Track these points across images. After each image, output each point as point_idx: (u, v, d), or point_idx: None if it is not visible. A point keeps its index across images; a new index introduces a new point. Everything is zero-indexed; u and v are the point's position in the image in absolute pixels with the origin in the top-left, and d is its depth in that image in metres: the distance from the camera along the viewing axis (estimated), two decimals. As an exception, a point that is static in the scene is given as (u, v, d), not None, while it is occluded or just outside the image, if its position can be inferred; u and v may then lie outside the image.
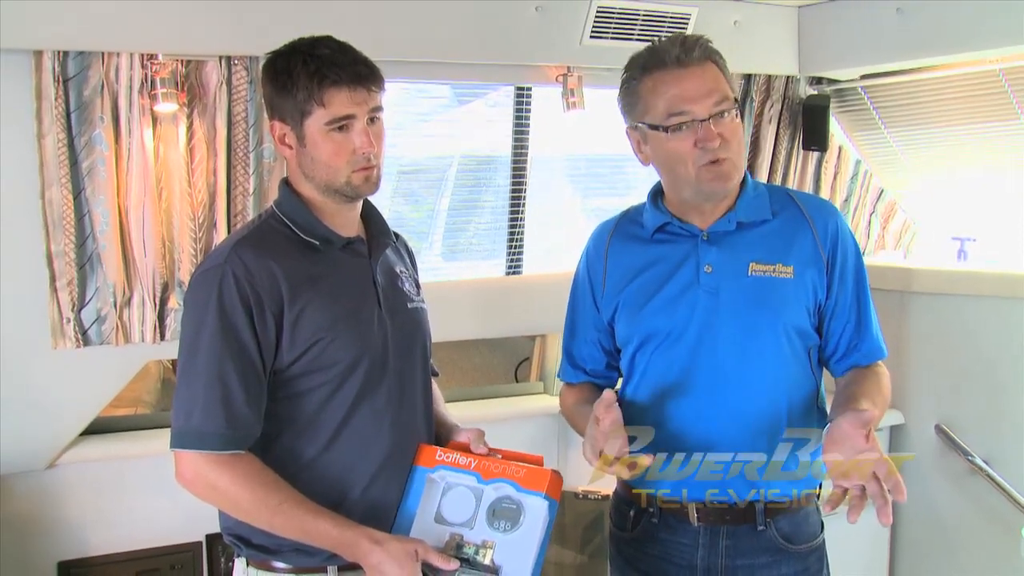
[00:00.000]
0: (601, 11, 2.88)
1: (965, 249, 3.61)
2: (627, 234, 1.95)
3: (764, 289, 1.81)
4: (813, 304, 1.83)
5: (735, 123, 1.78)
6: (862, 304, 1.87)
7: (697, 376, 1.82)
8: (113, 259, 2.47)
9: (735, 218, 1.84)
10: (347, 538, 1.63)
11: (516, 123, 3.24)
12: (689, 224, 1.86)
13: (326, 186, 1.72)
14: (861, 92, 3.47)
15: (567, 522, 3.40)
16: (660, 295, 1.85)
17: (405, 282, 1.87)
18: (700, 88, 1.75)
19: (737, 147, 1.79)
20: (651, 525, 1.90)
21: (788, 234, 1.84)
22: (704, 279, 1.82)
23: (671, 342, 1.84)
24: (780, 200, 1.89)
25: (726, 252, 1.83)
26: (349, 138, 1.68)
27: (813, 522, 1.91)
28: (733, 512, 1.84)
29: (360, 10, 2.55)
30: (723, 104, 1.76)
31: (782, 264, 1.82)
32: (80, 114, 2.37)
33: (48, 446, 2.64)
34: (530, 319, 3.38)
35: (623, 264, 1.92)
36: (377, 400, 1.74)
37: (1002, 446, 3.20)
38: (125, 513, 2.77)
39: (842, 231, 1.86)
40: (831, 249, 1.84)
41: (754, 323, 1.80)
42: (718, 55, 1.80)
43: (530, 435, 3.42)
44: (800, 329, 1.83)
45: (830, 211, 1.91)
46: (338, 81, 1.66)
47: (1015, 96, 3.07)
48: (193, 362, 1.64)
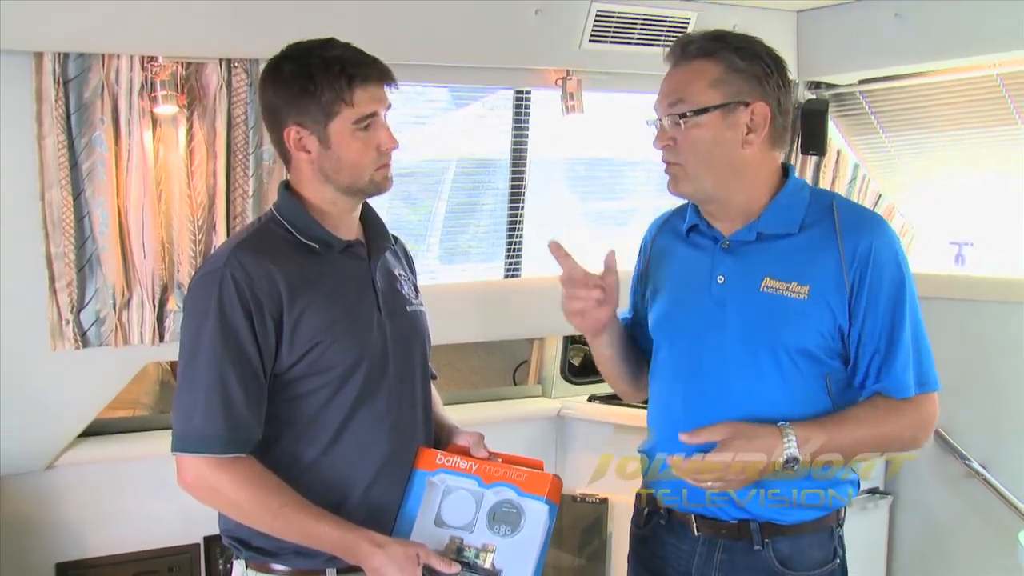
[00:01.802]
0: (601, 15, 2.88)
1: (963, 253, 3.62)
2: (672, 229, 1.91)
3: (772, 307, 1.71)
4: (830, 329, 1.70)
5: (694, 131, 1.69)
6: (895, 334, 1.70)
7: (699, 387, 1.76)
8: (112, 261, 2.47)
9: (756, 228, 1.75)
10: (348, 541, 1.63)
11: (515, 126, 3.24)
12: (714, 229, 1.80)
13: (348, 186, 1.73)
14: (859, 97, 3.48)
15: (565, 525, 3.41)
16: (675, 299, 1.83)
17: (404, 285, 1.87)
18: (667, 87, 1.73)
19: (691, 154, 1.70)
20: (659, 526, 1.88)
21: (811, 251, 1.72)
22: (715, 289, 1.76)
23: (680, 349, 1.81)
24: (818, 211, 1.75)
25: (741, 264, 1.75)
26: (373, 136, 1.71)
27: (822, 548, 1.80)
28: (728, 527, 1.78)
29: (359, 13, 2.55)
30: (678, 107, 1.69)
31: (797, 283, 1.70)
32: (80, 116, 2.37)
33: (47, 447, 2.64)
34: (528, 322, 3.39)
35: (661, 259, 1.90)
36: (377, 403, 1.74)
37: (999, 451, 3.21)
38: (123, 515, 2.77)
39: (877, 253, 1.69)
40: (858, 272, 1.69)
41: (755, 341, 1.72)
42: (721, 54, 1.69)
43: (528, 438, 3.43)
44: (808, 353, 1.71)
45: (869, 230, 1.72)
46: (366, 80, 1.68)
47: (1013, 101, 3.08)
48: (193, 366, 1.64)
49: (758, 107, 1.70)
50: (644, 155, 3.45)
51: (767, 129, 1.71)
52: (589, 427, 3.50)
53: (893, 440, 1.77)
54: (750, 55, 1.71)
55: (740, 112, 1.69)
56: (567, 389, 3.68)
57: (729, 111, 1.69)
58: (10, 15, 2.18)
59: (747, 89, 1.69)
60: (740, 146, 1.71)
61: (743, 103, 1.69)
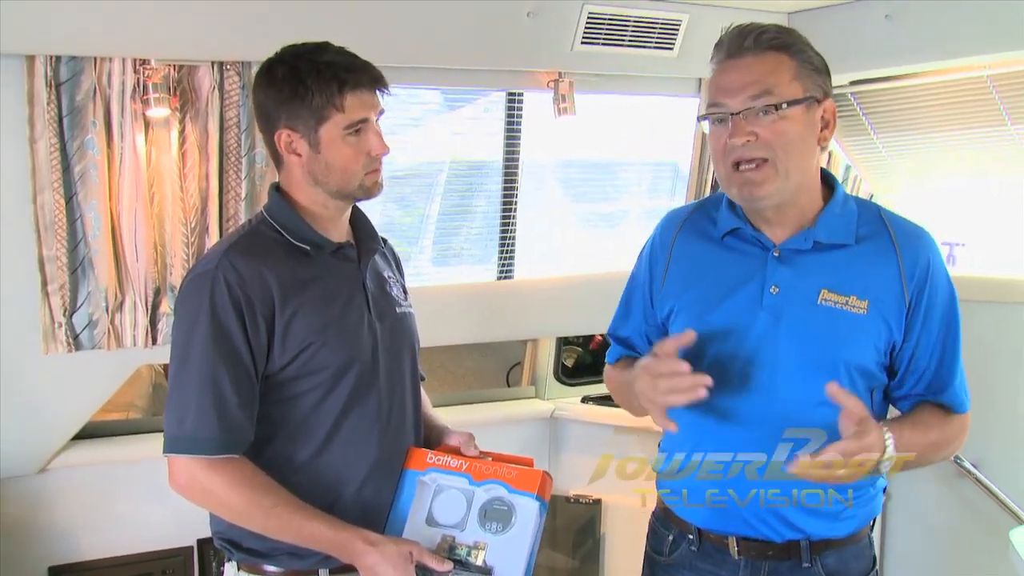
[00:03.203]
0: (592, 17, 2.89)
1: (954, 254, 3.63)
2: (697, 229, 1.78)
3: (831, 322, 1.63)
4: (885, 344, 1.65)
5: (782, 123, 1.57)
6: (948, 352, 1.67)
7: (746, 404, 1.67)
8: (105, 263, 2.47)
9: (812, 236, 1.65)
10: (342, 539, 1.63)
11: (507, 128, 3.25)
12: (762, 234, 1.68)
13: (338, 191, 1.73)
14: (851, 98, 3.49)
15: (559, 526, 3.41)
16: (719, 310, 1.70)
17: (393, 287, 1.88)
18: (741, 79, 1.59)
19: (782, 150, 1.58)
20: (689, 553, 1.78)
21: (870, 264, 1.65)
22: (768, 301, 1.66)
23: (723, 364, 1.67)
24: (870, 222, 1.68)
25: (797, 274, 1.66)
26: (363, 141, 1.71)
27: (864, 557, 1.77)
28: (775, 548, 1.71)
29: (352, 15, 2.56)
30: (763, 98, 1.56)
31: (857, 297, 1.63)
32: (72, 119, 2.38)
33: (39, 451, 2.64)
34: (521, 324, 3.39)
35: (687, 264, 1.77)
36: (367, 404, 1.75)
37: (991, 450, 3.22)
38: (116, 518, 2.77)
39: (934, 268, 1.66)
40: (918, 287, 1.64)
41: (814, 357, 1.64)
42: (795, 47, 1.60)
43: (522, 439, 3.43)
44: (864, 369, 1.66)
45: (925, 243, 1.68)
46: (357, 85, 1.68)
47: (1002, 102, 3.10)
48: (185, 367, 1.64)
49: (829, 104, 1.63)
50: (636, 156, 3.48)
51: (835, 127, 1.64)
52: (582, 428, 3.51)
53: (948, 449, 1.75)
54: (814, 50, 1.63)
55: (816, 108, 1.61)
56: (560, 390, 3.69)
57: (810, 107, 1.60)
58: (2, 18, 2.18)
59: (820, 84, 1.62)
60: (817, 144, 1.63)
61: (818, 99, 1.61)
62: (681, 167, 3.53)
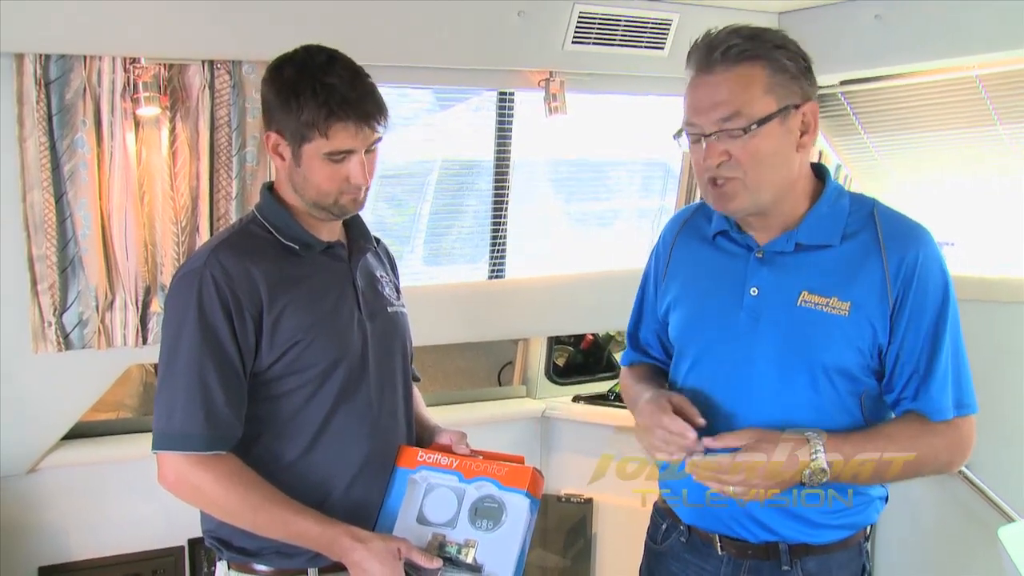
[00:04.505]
0: (583, 16, 2.89)
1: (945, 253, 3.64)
2: (695, 230, 1.80)
3: (809, 324, 1.62)
4: (869, 346, 1.63)
5: (754, 142, 1.55)
6: (935, 354, 1.63)
7: (727, 404, 1.69)
8: (95, 263, 2.47)
9: (795, 238, 1.65)
10: (330, 535, 1.64)
11: (499, 128, 3.25)
12: (747, 236, 1.70)
13: (314, 204, 1.73)
14: (841, 98, 3.49)
15: (550, 525, 3.42)
16: (703, 308, 1.73)
17: (385, 286, 1.88)
18: (711, 98, 1.57)
19: (752, 168, 1.57)
20: (679, 543, 1.82)
21: (854, 264, 1.63)
22: (748, 302, 1.67)
23: (706, 362, 1.72)
24: (859, 221, 1.66)
25: (777, 276, 1.66)
26: (345, 168, 1.68)
27: (851, 566, 1.75)
28: (755, 548, 1.72)
29: (342, 14, 2.55)
30: (733, 120, 1.55)
31: (838, 298, 1.62)
32: (62, 118, 2.37)
33: (29, 451, 2.63)
34: (513, 323, 3.39)
35: (684, 263, 1.80)
36: (357, 402, 1.75)
37: (980, 449, 3.21)
38: (107, 518, 2.76)
39: (923, 267, 1.62)
40: (902, 287, 1.61)
41: (790, 359, 1.64)
42: (767, 57, 1.56)
43: (513, 438, 3.43)
44: (845, 371, 1.64)
45: (914, 240, 1.65)
46: (345, 119, 1.64)
47: (991, 102, 3.11)
48: (173, 365, 1.64)
49: (808, 107, 1.60)
50: (627, 156, 3.48)
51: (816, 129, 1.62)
52: (574, 427, 3.51)
53: (928, 462, 1.68)
54: (790, 53, 1.59)
55: (792, 115, 1.58)
56: (552, 390, 3.69)
57: (785, 116, 1.58)
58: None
59: (796, 90, 1.59)
60: (795, 151, 1.61)
61: (795, 105, 1.58)
62: (672, 166, 3.54)
